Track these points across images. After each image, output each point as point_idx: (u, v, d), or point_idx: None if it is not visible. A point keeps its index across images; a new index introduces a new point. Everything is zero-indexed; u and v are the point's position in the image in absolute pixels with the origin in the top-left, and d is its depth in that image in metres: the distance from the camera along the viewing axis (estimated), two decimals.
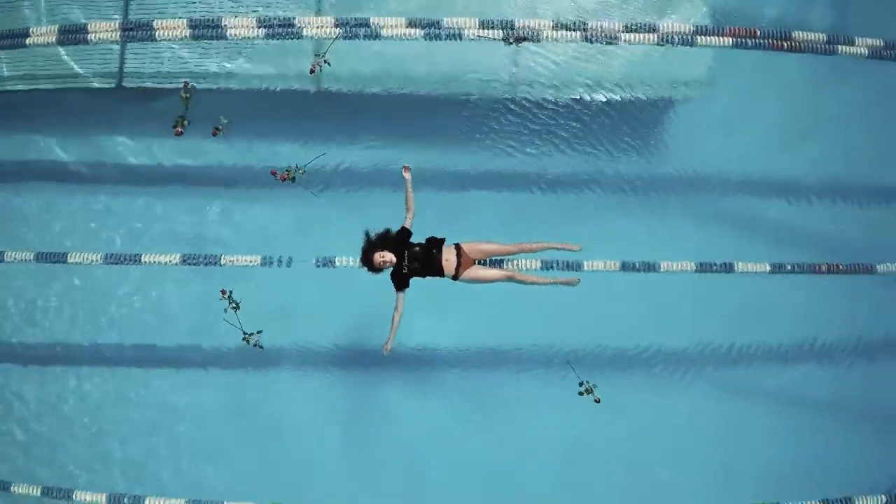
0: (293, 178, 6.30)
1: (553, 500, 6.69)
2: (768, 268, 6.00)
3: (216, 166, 7.55)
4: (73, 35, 5.89)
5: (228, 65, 7.35)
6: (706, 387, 7.56)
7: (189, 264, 5.96)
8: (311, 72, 6.18)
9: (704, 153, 7.74)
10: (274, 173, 6.28)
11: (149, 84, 7.31)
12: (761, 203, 7.80)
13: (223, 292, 5.92)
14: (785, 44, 5.93)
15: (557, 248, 5.96)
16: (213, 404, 7.43)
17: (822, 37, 5.96)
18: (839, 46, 5.88)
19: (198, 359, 7.48)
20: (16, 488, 6.33)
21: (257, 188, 7.37)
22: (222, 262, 5.98)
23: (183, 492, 6.04)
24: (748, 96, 7.78)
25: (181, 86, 5.98)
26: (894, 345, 7.77)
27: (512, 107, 7.61)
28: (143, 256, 6.09)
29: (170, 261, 6.03)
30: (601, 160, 7.64)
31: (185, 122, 6.01)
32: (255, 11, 7.49)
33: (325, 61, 5.93)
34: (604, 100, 7.60)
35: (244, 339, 5.92)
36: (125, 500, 6.02)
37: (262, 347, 5.88)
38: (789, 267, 5.98)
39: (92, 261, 6.09)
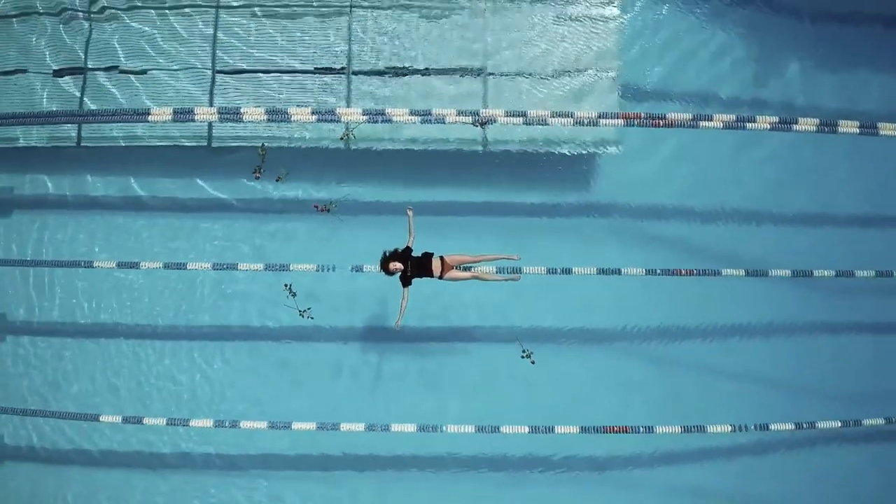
0: (328, 210, 8.70)
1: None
2: (644, 272, 8.77)
3: (278, 201, 10.14)
4: (183, 115, 7.98)
5: (289, 133, 9.69)
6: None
7: (270, 270, 8.62)
8: (341, 139, 8.99)
9: (620, 187, 10.32)
10: (316, 206, 8.78)
11: (231, 144, 9.76)
12: (661, 222, 10.38)
13: (286, 285, 8.33)
14: (660, 122, 7.86)
15: (505, 258, 8.58)
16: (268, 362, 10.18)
17: (689, 115, 7.91)
18: (700, 122, 7.88)
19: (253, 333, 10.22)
20: (147, 420, 9.03)
21: (304, 216, 9.89)
22: (291, 268, 8.57)
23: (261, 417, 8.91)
24: (653, 146, 10.34)
25: (259, 146, 8.29)
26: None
27: (481, 158, 9.91)
28: (238, 265, 8.76)
29: (257, 268, 8.70)
30: (543, 194, 10.21)
31: (262, 171, 8.34)
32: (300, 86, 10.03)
33: (352, 135, 8.69)
34: (547, 151, 9.86)
35: (300, 314, 8.29)
36: (226, 423, 8.84)
37: (312, 318, 8.30)
38: (658, 271, 8.85)
39: (204, 268, 8.91)
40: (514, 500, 10.05)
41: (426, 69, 9.96)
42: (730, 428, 8.94)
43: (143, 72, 10.14)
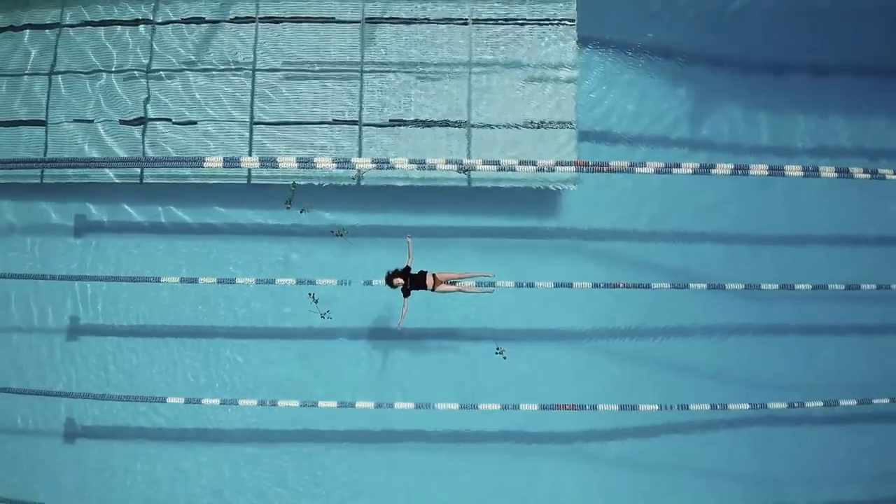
0: (342, 235, 10.87)
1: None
2: (591, 285, 11.17)
3: (301, 226, 12.18)
4: (232, 162, 10.35)
5: (311, 173, 11.68)
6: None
7: (299, 284, 11.00)
8: (354, 178, 11.31)
9: (580, 217, 12.63)
10: (333, 232, 10.97)
11: (265, 182, 11.94)
12: (611, 243, 12.66)
13: (310, 294, 10.63)
14: (604, 168, 10.11)
15: (480, 275, 10.94)
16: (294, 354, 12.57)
17: (626, 163, 10.18)
18: (636, 168, 10.11)
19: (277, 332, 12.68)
20: (205, 401, 11.23)
21: (322, 239, 11.82)
22: (317, 283, 10.94)
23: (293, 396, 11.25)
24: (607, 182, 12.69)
25: (291, 183, 10.56)
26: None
27: (466, 193, 11.86)
28: (276, 280, 11.21)
29: (289, 282, 11.18)
30: (515, 221, 12.42)
31: (291, 203, 10.49)
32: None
33: (363, 175, 11.12)
34: (520, 187, 11.82)
35: (322, 316, 10.61)
36: (267, 402, 10.99)
37: (331, 318, 10.67)
38: (601, 285, 11.21)
39: (248, 283, 11.33)
40: (493, 467, 12.51)
41: (422, 122, 12.30)
42: (657, 407, 11.24)
43: (194, 122, 12.46)
